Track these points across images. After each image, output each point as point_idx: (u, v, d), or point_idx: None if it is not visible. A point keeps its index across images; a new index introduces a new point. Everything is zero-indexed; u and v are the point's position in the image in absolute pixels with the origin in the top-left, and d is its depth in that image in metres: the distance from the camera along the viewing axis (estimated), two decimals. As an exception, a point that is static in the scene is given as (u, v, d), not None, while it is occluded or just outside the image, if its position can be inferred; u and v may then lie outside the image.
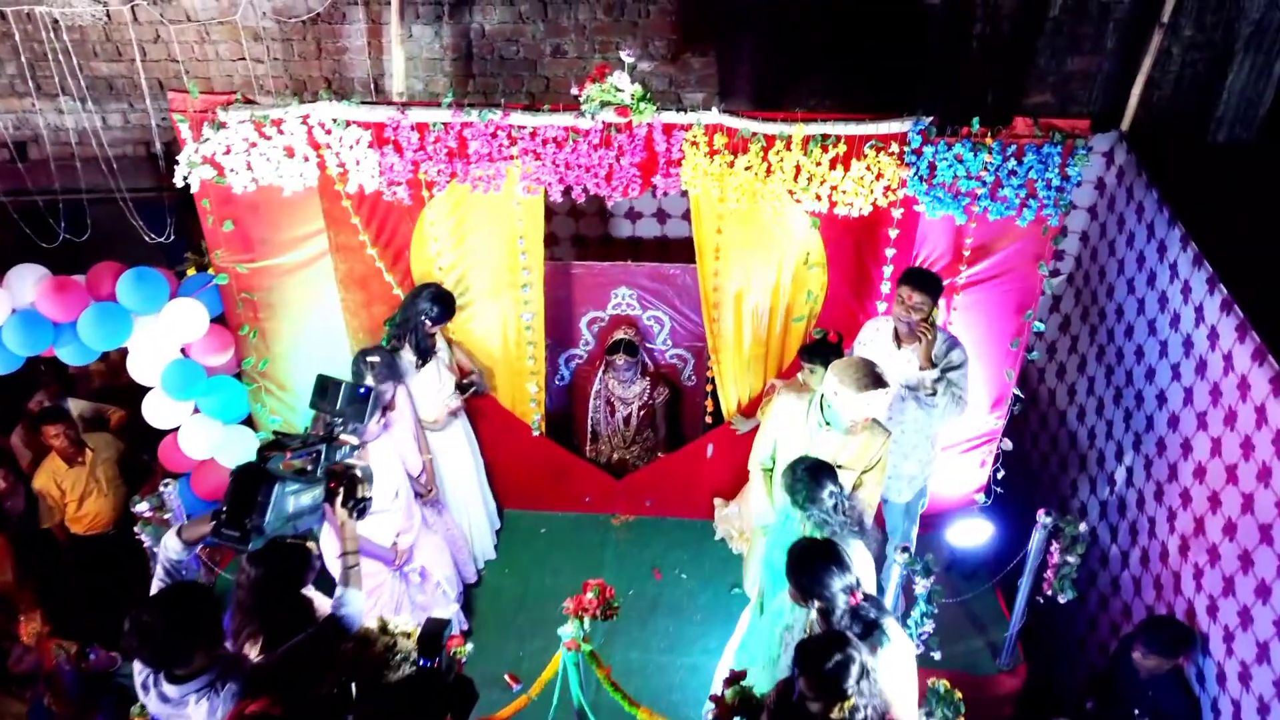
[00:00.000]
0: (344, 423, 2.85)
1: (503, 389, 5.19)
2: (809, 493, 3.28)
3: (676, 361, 5.70)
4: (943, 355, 4.15)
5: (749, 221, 4.48)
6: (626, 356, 5.26)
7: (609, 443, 5.63)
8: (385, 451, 4.09)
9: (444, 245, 4.69)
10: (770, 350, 4.92)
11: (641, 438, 5.61)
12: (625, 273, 5.36)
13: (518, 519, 5.61)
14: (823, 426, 3.77)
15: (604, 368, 5.47)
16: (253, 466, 2.50)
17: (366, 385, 2.87)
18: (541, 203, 4.52)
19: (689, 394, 5.79)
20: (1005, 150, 4.16)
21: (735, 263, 4.64)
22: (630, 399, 5.48)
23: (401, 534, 4.21)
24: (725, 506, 5.43)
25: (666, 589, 5.17)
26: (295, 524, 2.59)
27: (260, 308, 4.86)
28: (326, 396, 2.89)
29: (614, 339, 5.34)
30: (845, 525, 3.27)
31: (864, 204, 4.32)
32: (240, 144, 4.30)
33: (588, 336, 5.64)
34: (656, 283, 5.36)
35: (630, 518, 5.62)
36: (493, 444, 5.30)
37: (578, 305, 5.50)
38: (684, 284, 5.31)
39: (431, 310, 4.44)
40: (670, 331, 5.56)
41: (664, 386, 5.54)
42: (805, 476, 3.30)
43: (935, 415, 4.23)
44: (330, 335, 5.00)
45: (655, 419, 5.59)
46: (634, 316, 5.49)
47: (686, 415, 5.86)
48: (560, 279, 5.31)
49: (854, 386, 3.51)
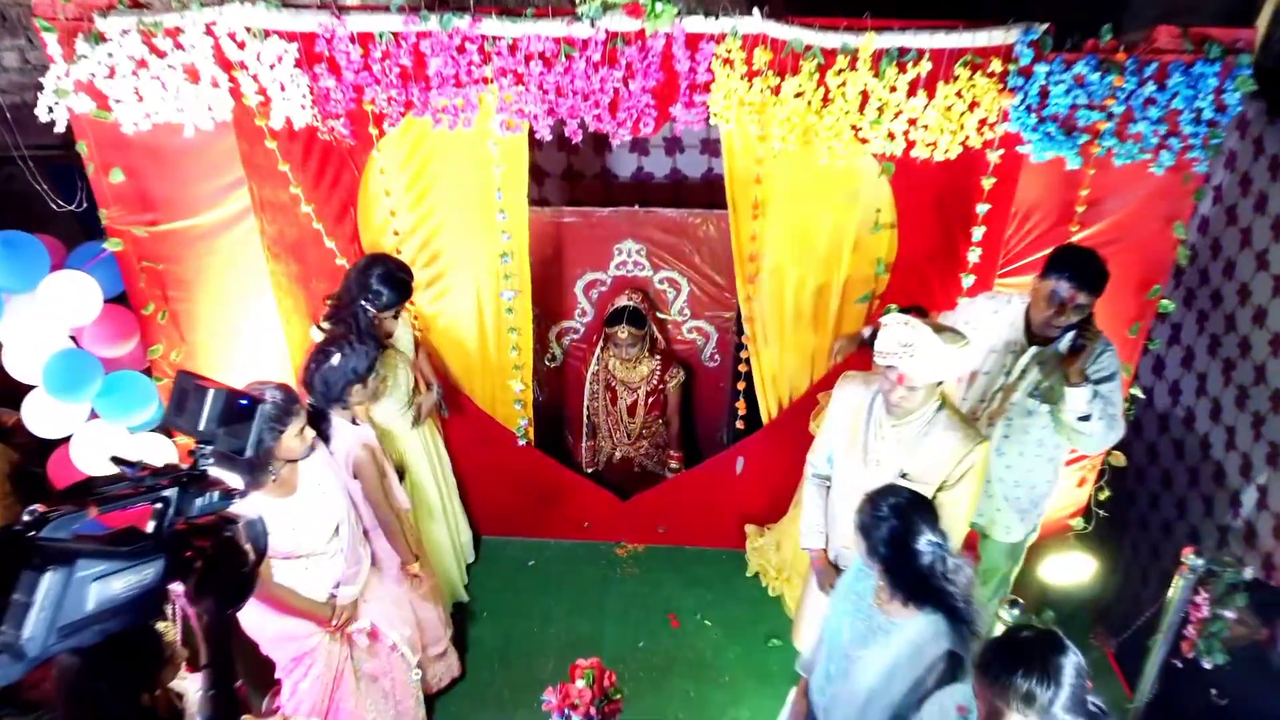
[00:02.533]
0: (212, 452, 1.77)
1: (480, 387, 4.13)
2: (896, 543, 2.22)
3: (696, 337, 4.58)
4: (1091, 363, 3.05)
5: (799, 168, 3.44)
6: (631, 329, 4.16)
7: (609, 437, 4.58)
8: (320, 474, 3.03)
9: (399, 201, 3.63)
10: (822, 339, 3.87)
11: (650, 431, 4.54)
12: (632, 222, 4.26)
13: (498, 549, 4.55)
14: (886, 420, 2.74)
15: (603, 344, 4.38)
16: (7, 536, 1.43)
17: (251, 395, 1.80)
18: (525, 143, 3.46)
19: (710, 377, 4.68)
20: (1142, 70, 3.11)
21: (780, 223, 3.59)
22: (635, 382, 4.40)
23: (343, 584, 3.15)
24: (760, 536, 4.38)
25: (686, 640, 4.11)
26: (105, 627, 1.52)
27: (169, 282, 3.79)
28: (184, 410, 1.81)
29: (614, 306, 4.24)
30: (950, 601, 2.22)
31: (952, 144, 3.28)
32: (126, 64, 3.23)
33: (584, 305, 4.53)
34: (672, 235, 4.25)
35: (639, 547, 4.57)
36: (467, 456, 4.24)
37: (572, 265, 4.39)
38: (707, 236, 4.21)
39: (380, 295, 3.37)
40: (688, 298, 4.44)
41: (678, 367, 4.44)
42: (891, 515, 2.24)
43: (1082, 443, 3.17)
44: (261, 318, 3.93)
45: (667, 408, 4.50)
46: (643, 279, 4.39)
47: (706, 404, 4.75)
48: (550, 232, 4.22)
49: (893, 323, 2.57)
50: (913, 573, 2.18)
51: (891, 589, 2.23)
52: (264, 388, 2.78)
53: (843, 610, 2.46)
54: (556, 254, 4.33)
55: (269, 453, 2.79)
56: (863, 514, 2.26)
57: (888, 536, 2.19)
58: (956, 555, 2.22)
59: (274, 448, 2.79)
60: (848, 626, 2.40)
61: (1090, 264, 2.97)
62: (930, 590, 2.17)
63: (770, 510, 4.33)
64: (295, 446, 2.85)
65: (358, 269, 3.40)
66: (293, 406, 2.80)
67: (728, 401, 4.56)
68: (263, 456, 2.78)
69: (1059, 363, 3.06)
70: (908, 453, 2.71)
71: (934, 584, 2.16)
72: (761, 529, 4.40)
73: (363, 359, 3.10)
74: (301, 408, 2.85)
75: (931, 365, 2.54)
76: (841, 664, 2.42)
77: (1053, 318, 2.99)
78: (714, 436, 4.78)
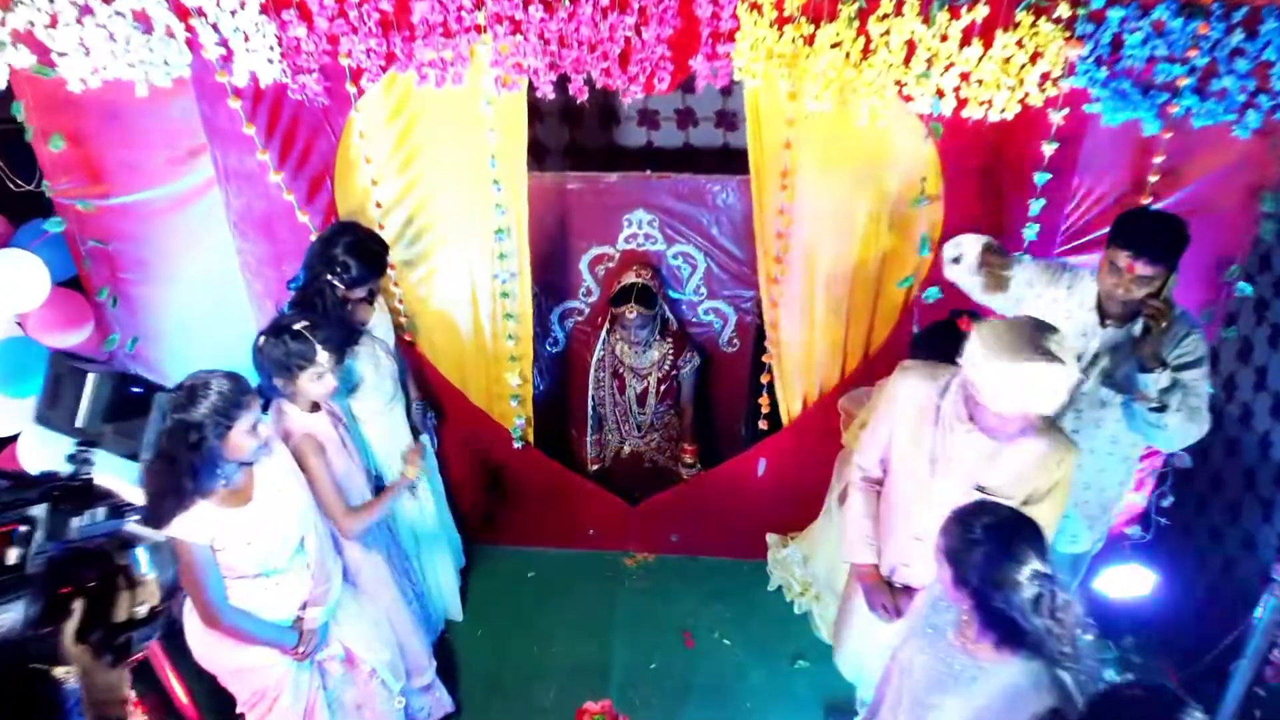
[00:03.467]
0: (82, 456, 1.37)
1: (473, 381, 3.73)
2: (993, 574, 1.81)
3: (712, 319, 4.12)
4: (1171, 346, 2.66)
5: (835, 131, 3.04)
6: (640, 309, 3.72)
7: (617, 430, 4.15)
8: (281, 477, 2.63)
9: (381, 169, 3.22)
10: (856, 329, 3.46)
11: (662, 423, 4.12)
12: (644, 189, 3.81)
13: (493, 560, 4.15)
14: (960, 426, 2.32)
15: (609, 325, 3.95)
16: None
17: (148, 381, 1.40)
18: (524, 101, 3.05)
19: (728, 364, 4.23)
20: (1231, 15, 2.70)
21: (811, 194, 3.18)
22: (645, 369, 3.97)
23: (311, 605, 2.74)
24: (783, 546, 3.97)
25: (703, 662, 3.70)
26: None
27: (121, 264, 3.39)
28: (59, 401, 1.41)
29: (621, 284, 3.79)
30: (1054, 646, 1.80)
31: (1009, 102, 2.87)
32: (70, 10, 2.82)
33: (590, 283, 4.07)
34: (687, 203, 3.80)
35: (649, 557, 4.16)
36: (458, 457, 3.83)
37: (576, 237, 3.94)
38: (726, 205, 3.77)
39: (347, 269, 2.95)
40: (705, 276, 3.99)
41: (693, 352, 4.01)
42: (988, 540, 1.82)
43: (1158, 438, 2.75)
44: (229, 304, 3.52)
45: (680, 397, 4.07)
46: (654, 254, 3.95)
47: (723, 393, 4.29)
48: (551, 201, 3.76)
49: (1008, 354, 2.08)
50: (1010, 611, 1.77)
51: (982, 628, 1.82)
52: (209, 376, 2.38)
53: (916, 646, 2.05)
54: (559, 226, 3.87)
55: (215, 453, 2.38)
56: (950, 536, 1.85)
57: (982, 565, 1.78)
58: (1065, 589, 1.80)
59: (221, 447, 2.39)
60: (921, 667, 2.00)
61: (1154, 229, 2.60)
62: (1031, 633, 1.76)
63: (794, 518, 3.92)
64: (246, 445, 2.44)
65: (321, 239, 2.99)
66: (242, 397, 2.39)
67: (747, 391, 4.13)
68: (209, 459, 2.40)
69: (1132, 346, 2.67)
70: (987, 463, 2.30)
71: (1036, 625, 1.75)
72: (785, 538, 3.99)
73: (285, 345, 2.68)
74: (254, 399, 2.44)
75: (1053, 397, 2.12)
76: (916, 712, 2.01)
77: (1112, 290, 2.62)
78: (732, 429, 4.34)
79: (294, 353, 2.70)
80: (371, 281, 3.00)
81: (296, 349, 2.70)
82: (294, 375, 2.73)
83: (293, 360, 2.71)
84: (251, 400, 2.43)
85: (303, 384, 2.75)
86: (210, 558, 2.48)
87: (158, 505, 2.39)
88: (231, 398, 2.37)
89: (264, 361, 2.71)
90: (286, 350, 2.70)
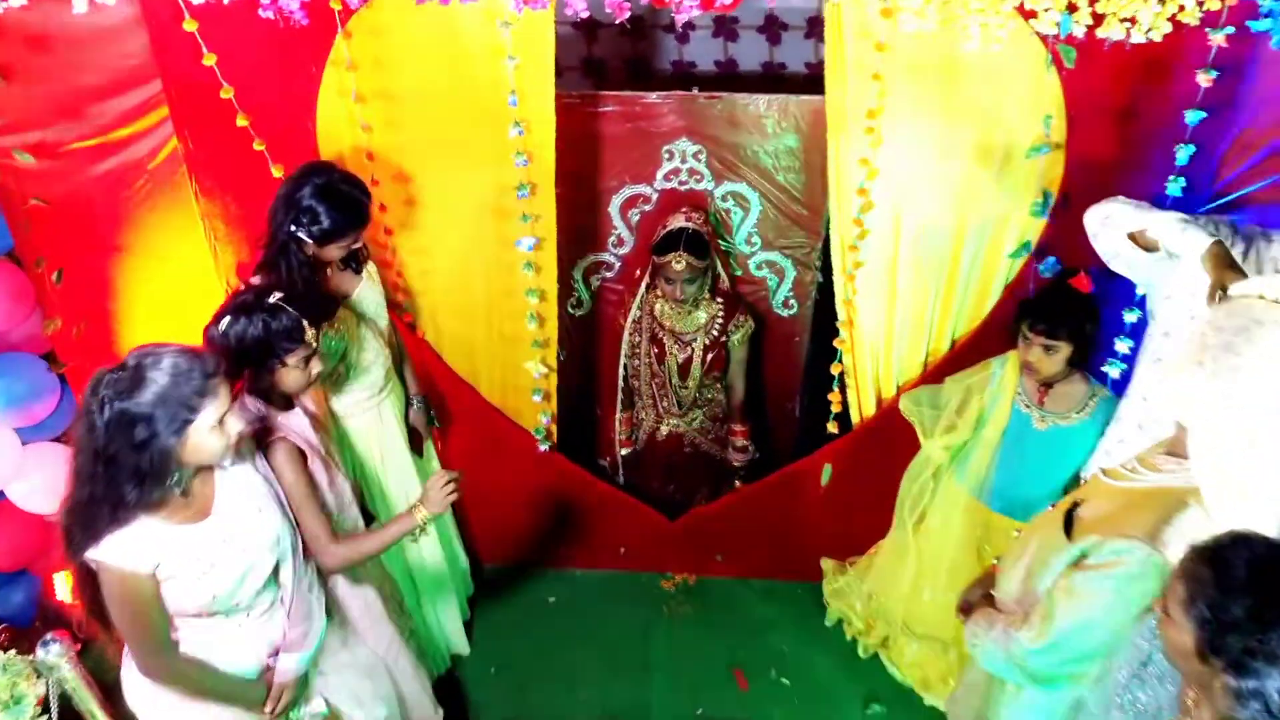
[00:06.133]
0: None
1: (484, 370, 3.15)
2: (1268, 644, 1.22)
3: (766, 274, 3.42)
4: None
5: (937, 60, 2.46)
6: (690, 258, 3.03)
7: (653, 406, 3.45)
8: (252, 488, 2.05)
9: (375, 110, 2.64)
10: (948, 306, 2.87)
11: (705, 399, 3.43)
12: (689, 112, 3.10)
13: (506, 583, 3.55)
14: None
15: (649, 280, 3.28)
16: None
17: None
18: (550, 22, 2.47)
19: (782, 329, 3.51)
20: None
21: (904, 139, 2.60)
22: (690, 333, 3.29)
23: (285, 651, 2.15)
24: (840, 574, 3.37)
25: (759, 706, 3.11)
26: None
27: (64, 229, 2.83)
28: None
29: (666, 228, 3.10)
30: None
31: (1158, 19, 2.27)
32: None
33: (622, 230, 3.38)
34: (740, 131, 3.11)
35: (690, 579, 3.57)
36: (470, 462, 3.25)
37: (606, 174, 3.24)
38: (783, 131, 3.09)
39: (317, 218, 2.35)
40: (759, 221, 3.29)
41: (746, 315, 3.33)
42: (1253, 588, 1.23)
43: None
44: (196, 281, 2.96)
45: (729, 369, 3.38)
46: (702, 194, 3.26)
47: (776, 364, 3.59)
48: (575, 128, 2.99)
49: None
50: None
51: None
52: (162, 351, 1.81)
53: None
54: (584, 160, 3.16)
55: (169, 455, 1.81)
56: (1197, 582, 1.26)
57: (1251, 626, 1.19)
58: None
59: (177, 446, 1.81)
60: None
61: None
62: None
63: (855, 538, 3.31)
64: (211, 445, 1.86)
65: (287, 182, 2.40)
66: (207, 381, 1.81)
67: (802, 361, 3.52)
68: (160, 462, 1.82)
69: None
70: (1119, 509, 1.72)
71: None
72: (842, 565, 3.39)
73: (265, 323, 2.10)
74: (221, 383, 1.86)
75: None
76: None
77: None
78: (785, 406, 3.65)
79: (277, 333, 2.12)
80: (348, 236, 2.39)
81: (279, 328, 2.12)
82: (276, 364, 2.16)
83: (277, 343, 2.13)
84: (218, 385, 1.85)
85: (282, 374, 2.18)
86: (153, 590, 1.90)
87: (86, 520, 1.82)
88: (193, 381, 1.80)
89: (234, 349, 2.12)
90: (267, 330, 2.11)
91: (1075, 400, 2.58)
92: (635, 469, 3.61)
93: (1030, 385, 2.61)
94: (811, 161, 3.07)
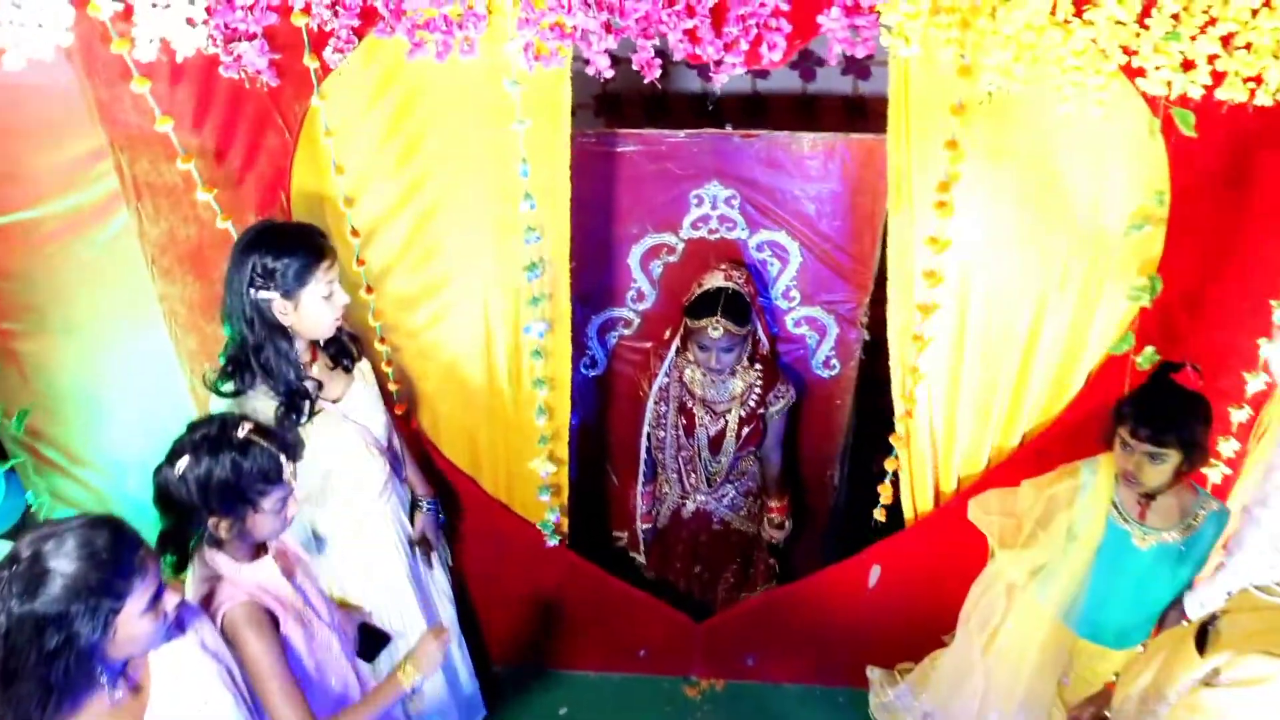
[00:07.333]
0: None
1: (487, 463, 2.78)
2: None
3: (806, 331, 3.03)
4: None
5: (1020, 120, 2.09)
6: (729, 324, 2.65)
7: (680, 481, 3.07)
8: (196, 669, 1.68)
9: (358, 181, 2.27)
10: (1019, 396, 2.50)
11: (737, 473, 3.07)
12: (720, 152, 2.72)
13: (518, 689, 3.18)
14: None
15: (680, 345, 2.90)
16: None
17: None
18: (565, 81, 2.10)
19: (822, 392, 3.13)
20: None
21: (981, 214, 2.23)
22: (724, 403, 2.91)
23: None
24: (891, 685, 2.98)
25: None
26: None
27: (5, 308, 2.46)
28: None
29: (703, 287, 2.72)
30: None
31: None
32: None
33: (643, 284, 2.99)
34: (779, 173, 2.73)
35: (718, 684, 3.20)
36: (475, 561, 2.89)
37: (625, 220, 2.86)
38: (828, 173, 2.71)
39: (269, 271, 1.95)
40: (799, 274, 2.91)
41: (787, 385, 2.95)
42: None
43: None
44: (151, 360, 2.58)
45: (765, 441, 3.02)
46: (738, 244, 2.88)
47: (815, 431, 3.21)
48: (591, 168, 2.63)
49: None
50: None
51: None
52: (63, 529, 1.43)
53: None
54: (600, 205, 2.79)
55: (93, 654, 1.44)
56: None
57: None
58: None
59: (103, 644, 1.44)
60: None
61: None
62: None
63: (906, 646, 2.94)
64: (143, 632, 1.49)
65: (230, 257, 2.01)
66: (130, 560, 1.45)
67: (844, 426, 3.15)
68: (77, 668, 1.45)
69: None
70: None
71: None
72: (892, 674, 3.00)
73: (233, 463, 1.73)
74: (148, 559, 1.49)
75: None
76: None
77: None
78: (823, 477, 3.28)
79: (249, 474, 1.74)
80: (312, 273, 1.97)
81: (252, 468, 1.74)
82: (248, 510, 1.78)
83: (249, 487, 1.75)
84: (145, 561, 1.49)
85: (253, 520, 1.80)
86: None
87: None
88: (112, 560, 1.43)
89: (195, 496, 1.73)
90: (237, 472, 1.73)
91: (1182, 513, 2.21)
92: (657, 545, 3.23)
93: (1129, 497, 2.24)
94: (859, 206, 2.70)
